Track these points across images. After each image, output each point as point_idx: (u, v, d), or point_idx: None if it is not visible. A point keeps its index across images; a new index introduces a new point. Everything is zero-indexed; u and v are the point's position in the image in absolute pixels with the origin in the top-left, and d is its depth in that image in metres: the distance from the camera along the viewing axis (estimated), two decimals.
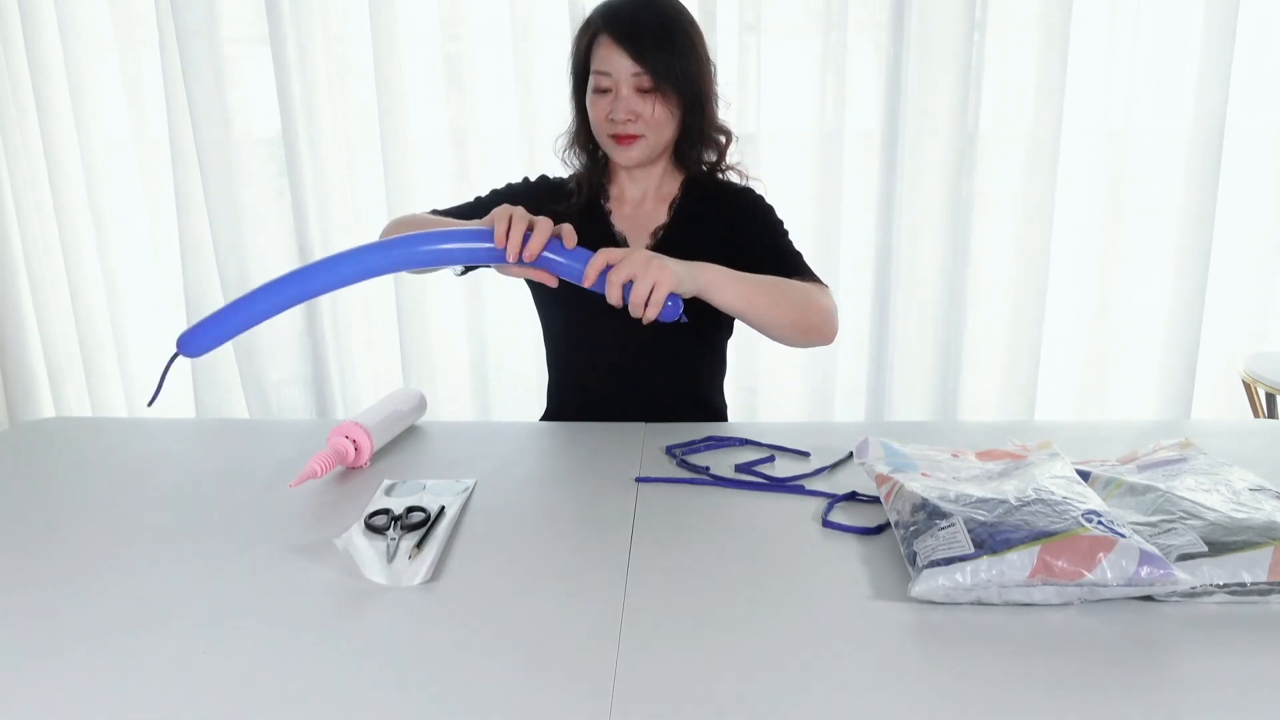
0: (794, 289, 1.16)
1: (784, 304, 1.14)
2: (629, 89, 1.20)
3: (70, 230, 2.41)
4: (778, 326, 1.14)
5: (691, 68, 1.21)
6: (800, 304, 1.16)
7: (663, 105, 1.21)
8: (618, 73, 1.19)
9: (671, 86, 1.20)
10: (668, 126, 1.23)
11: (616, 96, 1.20)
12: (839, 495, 0.97)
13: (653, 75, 1.19)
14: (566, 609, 0.76)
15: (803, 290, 1.17)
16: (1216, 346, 2.21)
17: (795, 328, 1.16)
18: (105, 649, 0.71)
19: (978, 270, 2.20)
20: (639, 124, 1.21)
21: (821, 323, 1.18)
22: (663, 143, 1.25)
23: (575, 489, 1.03)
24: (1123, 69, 2.09)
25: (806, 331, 1.17)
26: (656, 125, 1.22)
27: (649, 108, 1.20)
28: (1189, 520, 0.79)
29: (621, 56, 1.19)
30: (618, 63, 1.19)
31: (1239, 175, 2.12)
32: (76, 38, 2.26)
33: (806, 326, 1.17)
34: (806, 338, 1.18)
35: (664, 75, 1.19)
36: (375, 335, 2.38)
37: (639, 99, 1.20)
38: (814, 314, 1.17)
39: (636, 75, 1.19)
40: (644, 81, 1.19)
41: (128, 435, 1.24)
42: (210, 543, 0.89)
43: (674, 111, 1.22)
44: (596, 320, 1.21)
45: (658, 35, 1.19)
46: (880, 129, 2.13)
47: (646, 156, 1.25)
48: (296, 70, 2.17)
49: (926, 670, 0.68)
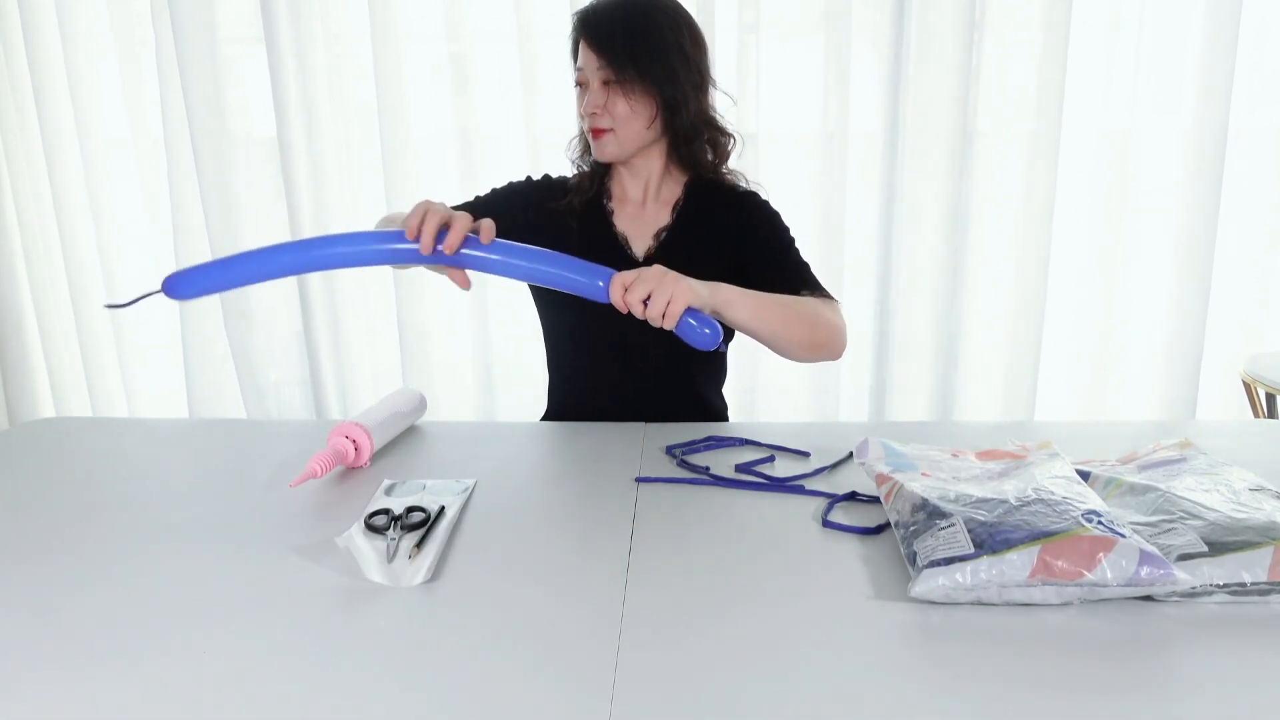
0: (805, 306, 1.17)
1: (795, 322, 1.15)
2: (597, 83, 1.23)
3: (70, 230, 2.41)
4: (788, 344, 1.15)
5: (658, 64, 1.22)
6: (810, 322, 1.17)
7: (625, 100, 1.22)
8: (586, 66, 1.24)
9: (631, 81, 1.22)
10: (632, 121, 1.24)
11: (588, 91, 1.24)
12: (839, 495, 0.97)
13: (613, 69, 1.21)
14: (566, 609, 0.76)
15: (813, 307, 1.18)
16: (1217, 346, 2.21)
17: (804, 346, 1.17)
18: (105, 649, 0.71)
19: (978, 270, 2.20)
20: (604, 118, 1.24)
21: (830, 340, 1.19)
22: (631, 137, 1.26)
23: (575, 489, 1.03)
24: (1123, 69, 2.09)
25: (815, 349, 1.18)
26: (621, 119, 1.24)
27: (613, 101, 1.23)
28: (1189, 520, 0.79)
29: (589, 53, 1.23)
30: (588, 59, 1.23)
31: (1240, 175, 2.12)
32: (75, 38, 2.26)
33: (815, 344, 1.18)
34: (815, 354, 1.19)
35: (622, 69, 1.21)
36: (375, 335, 2.38)
37: (603, 92, 1.23)
38: (823, 332, 1.18)
39: (601, 69, 1.22)
40: (607, 74, 1.22)
41: (128, 435, 1.24)
42: (210, 543, 0.89)
43: (636, 107, 1.23)
44: (597, 321, 1.21)
45: (621, 32, 1.22)
46: (881, 129, 2.13)
47: (619, 151, 1.26)
48: (294, 71, 2.16)
49: (926, 670, 0.68)
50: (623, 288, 1.00)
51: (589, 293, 1.02)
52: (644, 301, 0.99)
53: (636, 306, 0.99)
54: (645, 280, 0.99)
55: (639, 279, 0.99)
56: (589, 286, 1.02)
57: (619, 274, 1.01)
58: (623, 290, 1.00)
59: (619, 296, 1.00)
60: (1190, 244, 2.12)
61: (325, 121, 2.22)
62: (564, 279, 1.03)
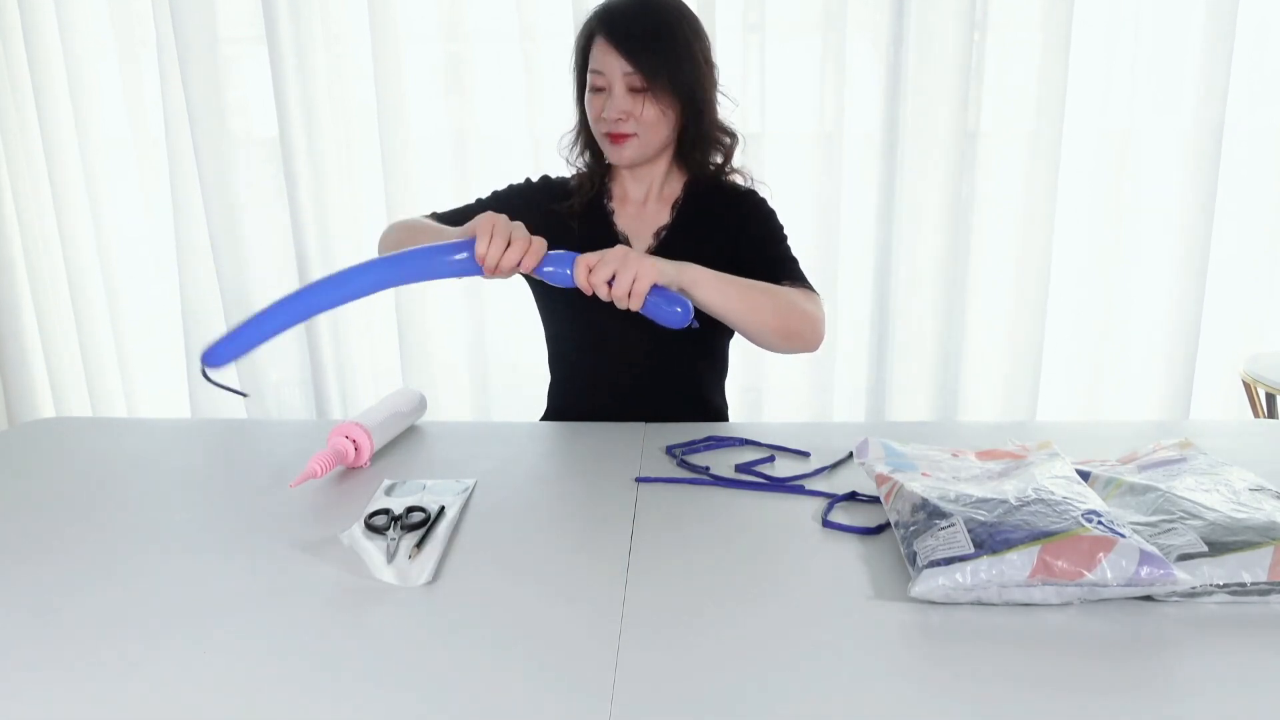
0: (778, 294, 1.16)
1: (766, 308, 1.13)
2: (621, 88, 1.20)
3: (70, 230, 2.41)
4: (759, 330, 1.14)
5: (686, 69, 1.21)
6: (784, 310, 1.15)
7: (654, 105, 1.21)
8: (611, 72, 1.20)
9: (663, 87, 1.20)
10: (660, 126, 1.23)
11: (610, 95, 1.21)
12: (839, 495, 0.97)
13: (644, 75, 1.19)
14: (566, 609, 0.76)
15: (787, 295, 1.17)
16: (1216, 346, 2.21)
17: (777, 333, 1.15)
18: (105, 648, 0.71)
19: (978, 270, 2.20)
20: (630, 123, 1.22)
21: (804, 328, 1.17)
22: (656, 142, 1.25)
23: (575, 489, 1.03)
24: (1123, 69, 2.09)
25: (789, 337, 1.16)
26: (648, 125, 1.22)
27: (640, 107, 1.21)
28: (1189, 520, 0.79)
29: (614, 56, 1.19)
30: (611, 62, 1.20)
31: (1239, 175, 2.12)
32: (75, 38, 2.26)
33: (788, 332, 1.16)
34: (789, 343, 1.17)
35: (655, 75, 1.19)
36: (375, 335, 2.38)
37: (630, 98, 1.21)
38: (797, 320, 1.16)
39: (628, 75, 1.20)
40: (635, 81, 1.20)
41: (128, 435, 1.24)
42: (210, 543, 0.89)
43: (666, 112, 1.22)
44: (598, 321, 1.21)
45: (651, 36, 1.20)
46: (880, 129, 2.13)
47: (639, 156, 1.25)
48: (294, 71, 2.16)
49: (926, 670, 0.68)
50: (587, 269, 0.99)
51: (458, 270, 1.01)
52: (609, 283, 0.98)
53: (601, 288, 0.98)
54: (608, 261, 0.98)
55: (601, 260, 0.99)
56: (460, 265, 1.01)
57: (582, 255, 1.00)
58: (587, 271, 0.99)
59: (584, 278, 0.99)
60: (1190, 243, 2.12)
61: (325, 121, 2.22)
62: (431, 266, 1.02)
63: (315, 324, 2.33)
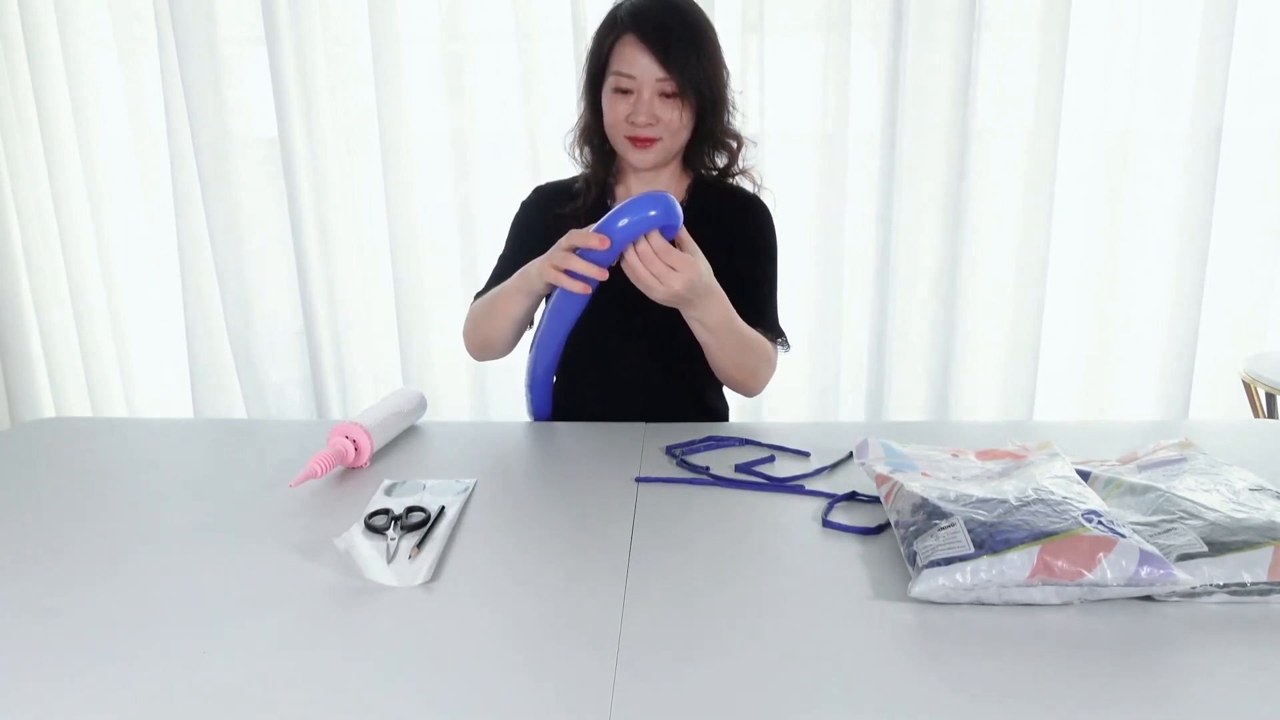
0: (760, 355, 1.22)
1: (746, 367, 1.22)
2: (651, 93, 1.18)
3: (70, 230, 2.41)
4: (723, 369, 1.22)
5: (711, 73, 1.21)
6: (751, 371, 1.23)
7: (684, 110, 1.20)
8: (642, 75, 1.18)
9: (694, 92, 1.19)
10: (684, 131, 1.23)
11: (638, 99, 1.19)
12: (839, 495, 0.97)
13: (678, 81, 1.17)
14: (566, 609, 0.76)
15: (762, 352, 1.22)
16: (1216, 346, 2.21)
17: (731, 380, 1.26)
18: (105, 649, 0.71)
19: (977, 270, 2.20)
20: (658, 128, 1.20)
21: (750, 380, 1.25)
22: (678, 146, 1.25)
23: (575, 489, 1.03)
24: (1122, 69, 2.09)
25: (735, 384, 1.27)
26: (676, 130, 1.21)
27: (670, 112, 1.20)
28: (1189, 520, 0.79)
29: (648, 59, 1.17)
30: (643, 65, 1.17)
31: (1238, 175, 2.12)
32: (75, 38, 2.26)
33: (738, 380, 1.25)
34: (731, 386, 1.29)
35: (689, 81, 1.18)
36: (375, 335, 2.38)
37: (661, 103, 1.19)
38: (750, 375, 1.24)
39: (661, 80, 1.18)
40: (668, 86, 1.18)
41: (128, 435, 1.24)
42: (210, 543, 0.89)
43: (688, 117, 1.22)
44: (598, 321, 1.21)
45: (685, 40, 1.18)
46: (880, 129, 2.13)
47: (662, 159, 1.25)
48: (295, 71, 2.16)
49: (926, 670, 0.68)
50: (651, 257, 1.03)
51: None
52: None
53: (641, 271, 1.03)
54: (681, 270, 1.03)
55: (672, 266, 1.03)
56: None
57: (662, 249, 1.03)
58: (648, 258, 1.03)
59: (636, 260, 1.03)
60: (1189, 243, 2.12)
61: (325, 121, 2.22)
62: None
63: (315, 324, 2.33)
